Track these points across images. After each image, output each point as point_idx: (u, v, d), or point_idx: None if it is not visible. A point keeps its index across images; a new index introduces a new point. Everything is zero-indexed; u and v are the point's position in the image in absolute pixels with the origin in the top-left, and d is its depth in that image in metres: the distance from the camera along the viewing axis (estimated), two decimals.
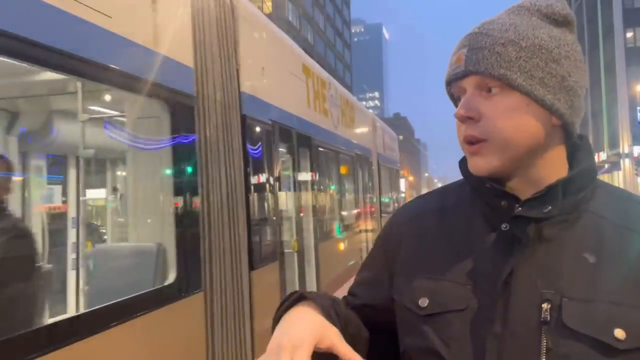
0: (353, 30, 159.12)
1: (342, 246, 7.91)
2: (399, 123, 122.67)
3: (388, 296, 1.07)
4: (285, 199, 5.84)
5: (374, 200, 11.43)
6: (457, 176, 1.13)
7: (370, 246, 1.28)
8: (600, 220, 0.94)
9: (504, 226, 0.95)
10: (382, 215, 12.28)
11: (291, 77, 5.96)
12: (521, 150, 0.94)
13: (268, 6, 55.35)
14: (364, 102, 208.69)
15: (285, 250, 5.63)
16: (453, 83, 1.00)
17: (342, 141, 8.44)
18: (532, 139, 0.94)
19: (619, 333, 0.85)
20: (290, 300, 0.99)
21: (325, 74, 7.80)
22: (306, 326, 0.89)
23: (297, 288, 5.67)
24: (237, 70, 4.42)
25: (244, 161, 4.38)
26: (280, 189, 5.43)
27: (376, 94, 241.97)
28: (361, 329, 1.07)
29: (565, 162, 0.99)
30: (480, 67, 0.94)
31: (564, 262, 0.91)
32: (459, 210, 1.05)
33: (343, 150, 8.51)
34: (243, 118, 4.43)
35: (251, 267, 4.37)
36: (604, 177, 55.45)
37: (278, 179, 5.30)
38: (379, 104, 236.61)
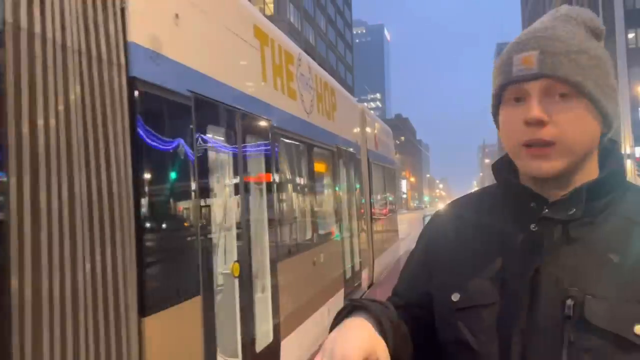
0: (355, 32, 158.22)
1: (314, 264, 6.31)
2: (400, 124, 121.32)
3: (427, 292, 1.14)
4: (223, 205, 4.29)
5: (363, 203, 9.86)
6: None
7: (360, 259, 3.12)
8: (627, 222, 0.99)
9: (532, 226, 1.01)
10: (374, 220, 10.70)
11: (235, 39, 4.41)
12: (582, 155, 1.00)
13: (270, 8, 54.74)
14: (365, 103, 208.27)
15: (221, 275, 4.09)
16: (516, 84, 1.00)
17: (318, 132, 6.89)
18: (592, 144, 1.02)
19: (639, 329, 0.90)
20: (346, 312, 1.03)
21: (294, 47, 6.24)
22: (356, 340, 0.92)
23: (231, 331, 4.09)
24: (123, 10, 2.88)
25: (133, 150, 2.84)
26: (209, 192, 3.88)
27: (378, 95, 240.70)
28: (407, 340, 1.06)
29: (597, 166, 1.06)
30: (558, 71, 0.97)
31: (589, 261, 0.97)
32: (492, 212, 1.11)
33: (318, 143, 6.96)
34: (132, 82, 2.89)
35: (142, 313, 2.83)
36: None
37: (204, 177, 3.75)
38: (380, 105, 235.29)
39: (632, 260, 0.95)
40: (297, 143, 6.15)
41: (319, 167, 7.15)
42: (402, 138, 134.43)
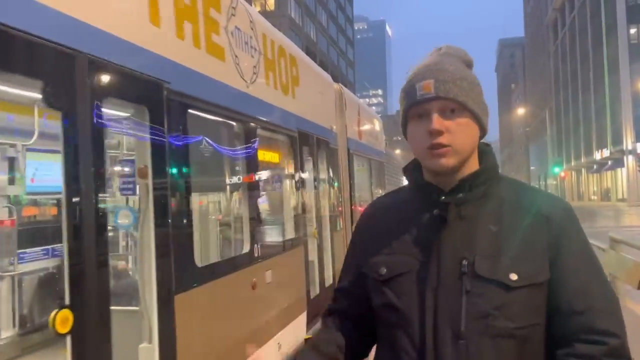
0: (356, 27, 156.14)
1: (253, 287, 4.61)
2: None
3: (360, 273, 1.51)
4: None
5: (340, 202, 8.18)
6: None
7: (332, 272, 2.85)
8: (500, 201, 1.40)
9: (435, 211, 1.39)
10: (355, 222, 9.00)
11: None
12: (468, 154, 1.40)
13: (270, 3, 53.21)
14: (367, 100, 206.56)
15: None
16: (419, 104, 1.38)
17: (265, 110, 5.23)
18: (474, 146, 1.42)
19: (513, 276, 1.30)
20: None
21: None
22: None
23: None
24: None
25: None
26: None
27: (379, 91, 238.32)
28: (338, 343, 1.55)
29: (477, 162, 1.45)
30: (449, 94, 1.35)
31: (476, 232, 1.36)
32: (406, 203, 1.49)
33: (267, 124, 5.30)
34: None
35: None
36: (607, 174, 55.58)
37: None
38: (382, 101, 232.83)
39: (505, 229, 1.36)
40: (225, 120, 4.48)
41: (268, 155, 5.49)
42: None
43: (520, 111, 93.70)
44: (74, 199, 2.52)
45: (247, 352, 4.28)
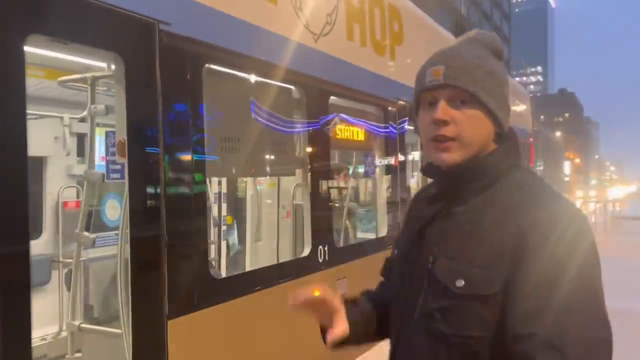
0: (513, 0, 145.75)
1: None
2: (564, 99, 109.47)
3: None
4: None
5: None
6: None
7: None
8: (490, 202, 1.28)
9: (430, 202, 1.41)
10: None
11: None
12: (477, 149, 1.31)
13: None
14: (524, 78, 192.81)
15: None
16: (427, 91, 1.33)
17: (345, 72, 4.06)
18: (484, 141, 1.32)
19: (459, 282, 1.23)
20: None
21: None
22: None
23: None
24: None
25: None
26: None
27: (539, 69, 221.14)
28: (369, 321, 1.57)
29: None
30: (457, 82, 1.28)
31: (452, 229, 1.30)
32: (424, 194, 1.49)
33: (346, 91, 4.13)
34: None
35: None
36: None
37: None
38: (541, 79, 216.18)
39: (479, 231, 1.25)
40: (272, 82, 3.40)
41: (349, 132, 4.33)
42: (566, 115, 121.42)
43: None
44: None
45: None
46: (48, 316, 4.44)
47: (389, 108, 4.78)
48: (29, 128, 1.89)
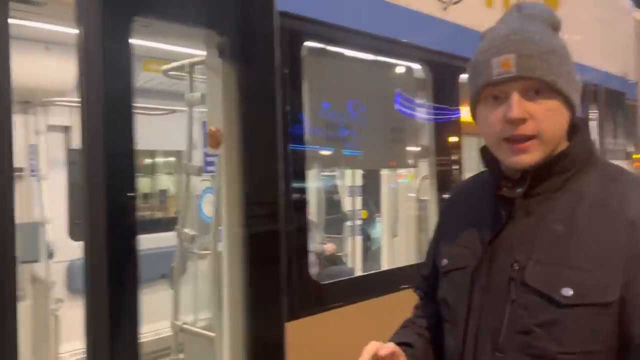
0: None
1: None
2: None
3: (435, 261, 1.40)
4: None
5: None
6: None
7: None
8: (578, 197, 1.13)
9: (500, 204, 1.20)
10: None
11: None
12: (556, 145, 1.15)
13: None
14: None
15: None
16: (496, 85, 1.13)
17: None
18: (563, 133, 1.17)
19: (567, 291, 1.06)
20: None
21: None
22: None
23: None
24: None
25: None
26: None
27: None
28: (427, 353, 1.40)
29: (564, 143, 1.18)
30: (534, 73, 1.09)
31: (539, 231, 1.13)
32: (478, 191, 1.31)
33: None
34: None
35: None
36: None
37: None
38: None
39: (575, 231, 1.09)
40: (387, 60, 3.02)
41: None
42: None
43: None
44: None
45: None
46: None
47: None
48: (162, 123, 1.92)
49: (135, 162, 1.89)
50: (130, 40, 1.87)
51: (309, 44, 2.51)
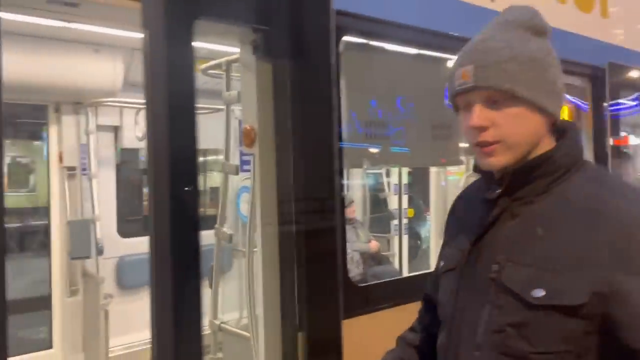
0: None
1: None
2: None
3: None
4: None
5: None
6: None
7: None
8: (563, 200, 1.14)
9: (487, 206, 1.23)
10: None
11: None
12: (526, 147, 1.17)
13: None
14: None
15: None
16: (459, 96, 1.20)
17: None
18: (534, 137, 1.17)
19: (538, 292, 1.07)
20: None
21: None
22: None
23: None
24: None
25: None
26: None
27: None
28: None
29: (551, 144, 1.20)
30: (489, 82, 1.14)
31: (520, 233, 1.16)
32: (473, 196, 1.35)
33: None
34: None
35: None
36: None
37: None
38: None
39: (554, 234, 1.11)
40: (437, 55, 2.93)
41: None
42: None
43: None
44: None
45: None
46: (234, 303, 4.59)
47: (596, 75, 3.91)
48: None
49: (197, 159, 1.95)
50: (193, 43, 1.93)
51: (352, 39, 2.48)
